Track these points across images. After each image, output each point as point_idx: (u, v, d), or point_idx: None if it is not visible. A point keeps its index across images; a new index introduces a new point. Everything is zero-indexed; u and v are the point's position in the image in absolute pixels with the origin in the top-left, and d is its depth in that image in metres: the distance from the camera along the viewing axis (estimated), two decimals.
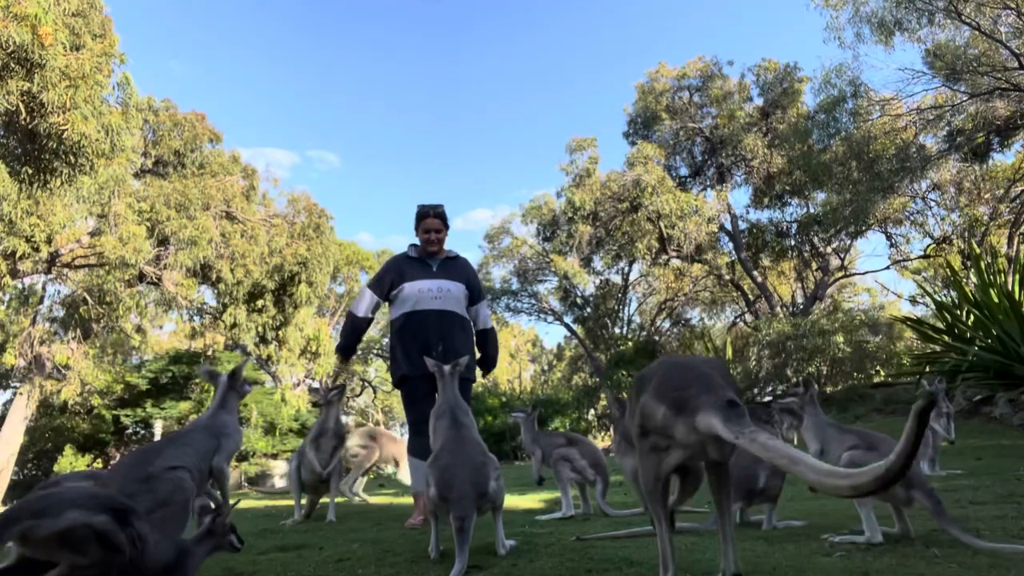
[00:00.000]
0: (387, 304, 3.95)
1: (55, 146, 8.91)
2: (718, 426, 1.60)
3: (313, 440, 4.20)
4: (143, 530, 1.54)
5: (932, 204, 17.07)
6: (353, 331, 3.91)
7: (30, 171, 9.28)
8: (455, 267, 3.88)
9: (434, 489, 2.48)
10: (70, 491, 1.77)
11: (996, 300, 7.84)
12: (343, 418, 4.28)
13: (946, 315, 9.22)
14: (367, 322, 3.89)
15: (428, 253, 3.84)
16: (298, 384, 23.90)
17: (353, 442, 5.54)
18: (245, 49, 60.85)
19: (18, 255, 10.20)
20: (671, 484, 1.93)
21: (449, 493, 2.41)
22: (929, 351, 9.99)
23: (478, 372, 4.12)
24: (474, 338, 3.92)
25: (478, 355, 4.00)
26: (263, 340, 16.28)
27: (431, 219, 3.81)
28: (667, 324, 24.35)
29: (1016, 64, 11.20)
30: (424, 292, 3.72)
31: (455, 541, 2.27)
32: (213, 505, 2.23)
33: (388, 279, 3.83)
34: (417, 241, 3.92)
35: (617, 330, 22.27)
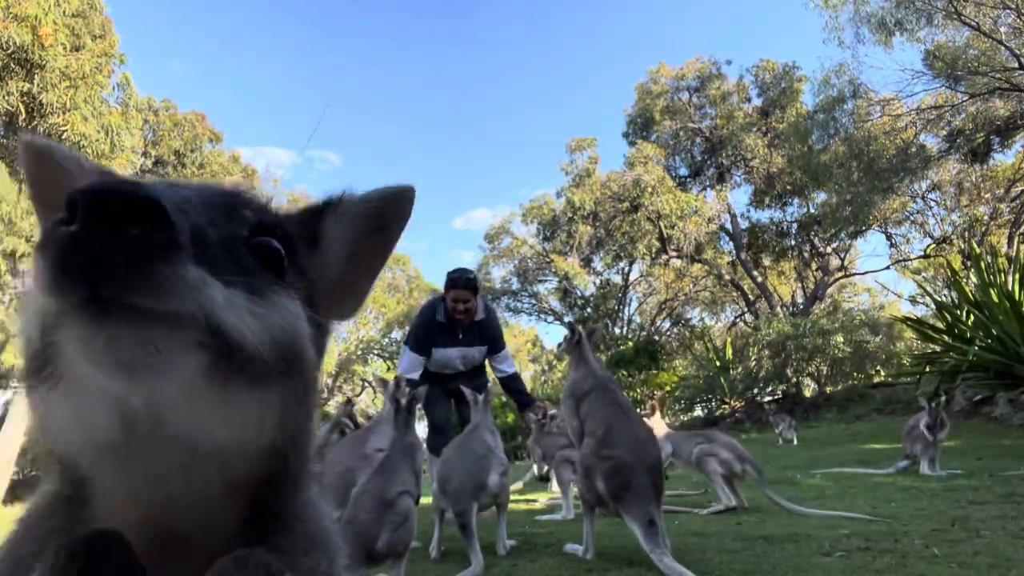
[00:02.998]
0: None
1: None
2: (637, 533, 2.14)
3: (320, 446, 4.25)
4: None
5: (932, 204, 17.07)
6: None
7: None
8: (479, 331, 3.96)
9: (435, 482, 2.49)
10: None
11: (996, 300, 7.83)
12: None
13: (946, 315, 9.21)
14: (418, 379, 3.88)
15: (456, 320, 3.87)
16: None
17: None
18: (245, 49, 60.88)
19: (18, 255, 10.20)
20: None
21: (447, 485, 2.42)
22: (929, 351, 9.98)
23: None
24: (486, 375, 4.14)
25: (505, 395, 4.31)
26: None
27: (460, 290, 3.79)
28: (667, 324, 24.34)
29: (1016, 64, 11.19)
30: (451, 360, 3.90)
31: (465, 542, 2.27)
32: None
33: (424, 339, 3.89)
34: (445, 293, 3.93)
35: (617, 330, 22.26)
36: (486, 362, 4.07)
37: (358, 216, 0.61)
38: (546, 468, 4.30)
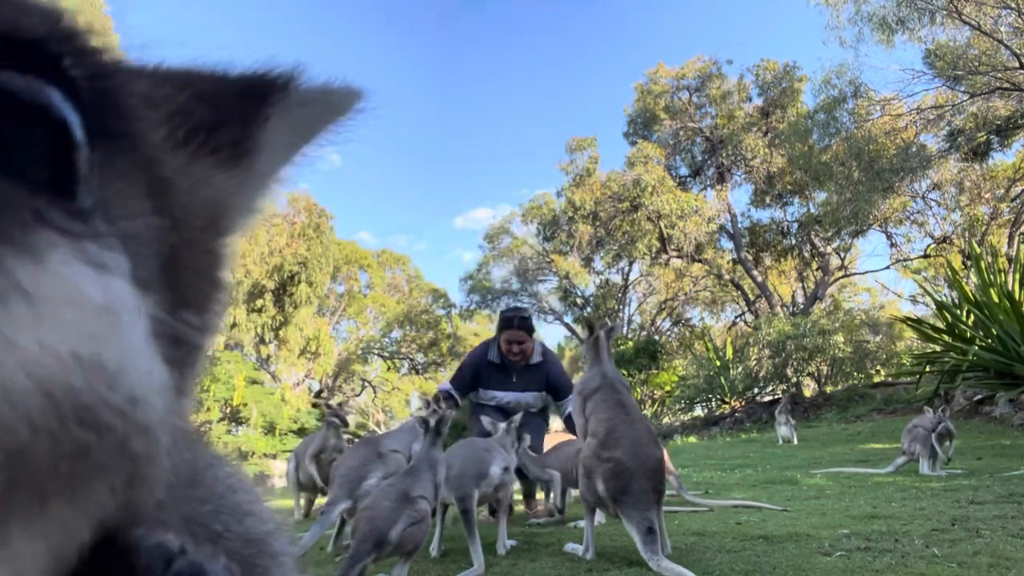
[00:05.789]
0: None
1: None
2: (636, 540, 2.12)
3: (314, 455, 4.25)
4: None
5: (932, 204, 17.06)
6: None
7: None
8: (535, 375, 3.73)
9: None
10: None
11: (996, 300, 7.83)
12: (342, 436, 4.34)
13: (946, 315, 9.21)
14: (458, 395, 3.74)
15: (511, 361, 3.68)
16: (298, 384, 23.93)
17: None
18: (244, 48, 60.76)
19: None
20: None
21: (448, 472, 2.44)
22: (929, 351, 9.99)
23: None
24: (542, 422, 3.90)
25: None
26: (263, 340, 16.32)
27: (514, 331, 3.59)
28: (667, 324, 24.35)
29: (1016, 64, 11.19)
30: (502, 404, 3.72)
31: (466, 532, 2.28)
32: None
33: (468, 379, 3.72)
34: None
35: None
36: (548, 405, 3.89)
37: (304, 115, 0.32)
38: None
